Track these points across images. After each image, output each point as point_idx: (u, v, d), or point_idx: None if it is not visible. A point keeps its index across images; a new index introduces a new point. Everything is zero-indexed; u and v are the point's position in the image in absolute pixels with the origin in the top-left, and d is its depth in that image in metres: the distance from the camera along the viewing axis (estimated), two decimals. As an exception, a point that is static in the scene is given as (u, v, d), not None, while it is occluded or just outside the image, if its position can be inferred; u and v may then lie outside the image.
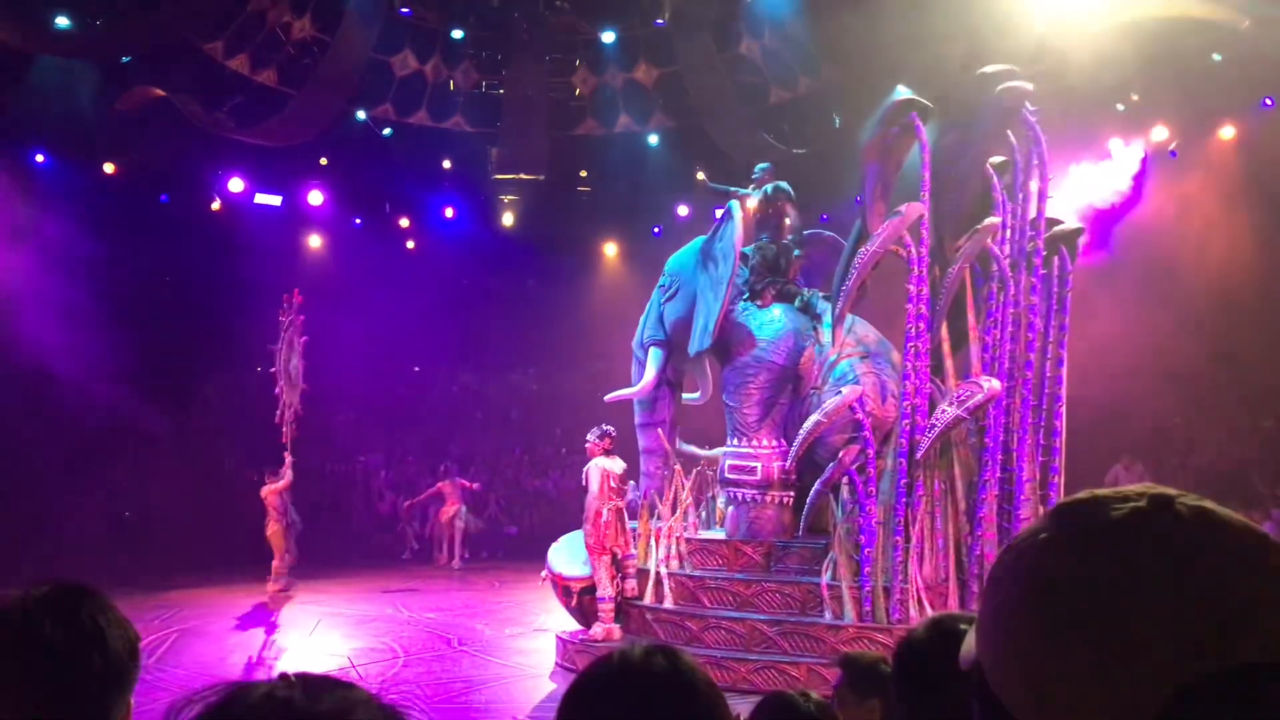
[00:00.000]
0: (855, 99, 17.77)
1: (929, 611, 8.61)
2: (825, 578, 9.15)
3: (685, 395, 11.36)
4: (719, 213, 11.01)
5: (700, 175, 15.31)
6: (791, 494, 10.24)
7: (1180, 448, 17.17)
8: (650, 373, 10.84)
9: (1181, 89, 15.23)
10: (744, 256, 10.75)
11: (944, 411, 9.04)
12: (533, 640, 11.30)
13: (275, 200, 19.88)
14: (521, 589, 14.03)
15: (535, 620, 12.22)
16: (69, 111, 15.76)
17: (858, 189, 11.08)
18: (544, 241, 21.62)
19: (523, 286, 22.36)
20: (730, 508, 10.39)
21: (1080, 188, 17.25)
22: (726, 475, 10.42)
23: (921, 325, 9.27)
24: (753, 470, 10.23)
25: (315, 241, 21.05)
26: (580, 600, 10.26)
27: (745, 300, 10.74)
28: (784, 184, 11.57)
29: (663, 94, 19.02)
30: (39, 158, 16.66)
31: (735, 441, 10.43)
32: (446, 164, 20.50)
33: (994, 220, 9.46)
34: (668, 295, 10.95)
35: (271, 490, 14.02)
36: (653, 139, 19.71)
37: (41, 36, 14.60)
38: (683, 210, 21.28)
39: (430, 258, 21.55)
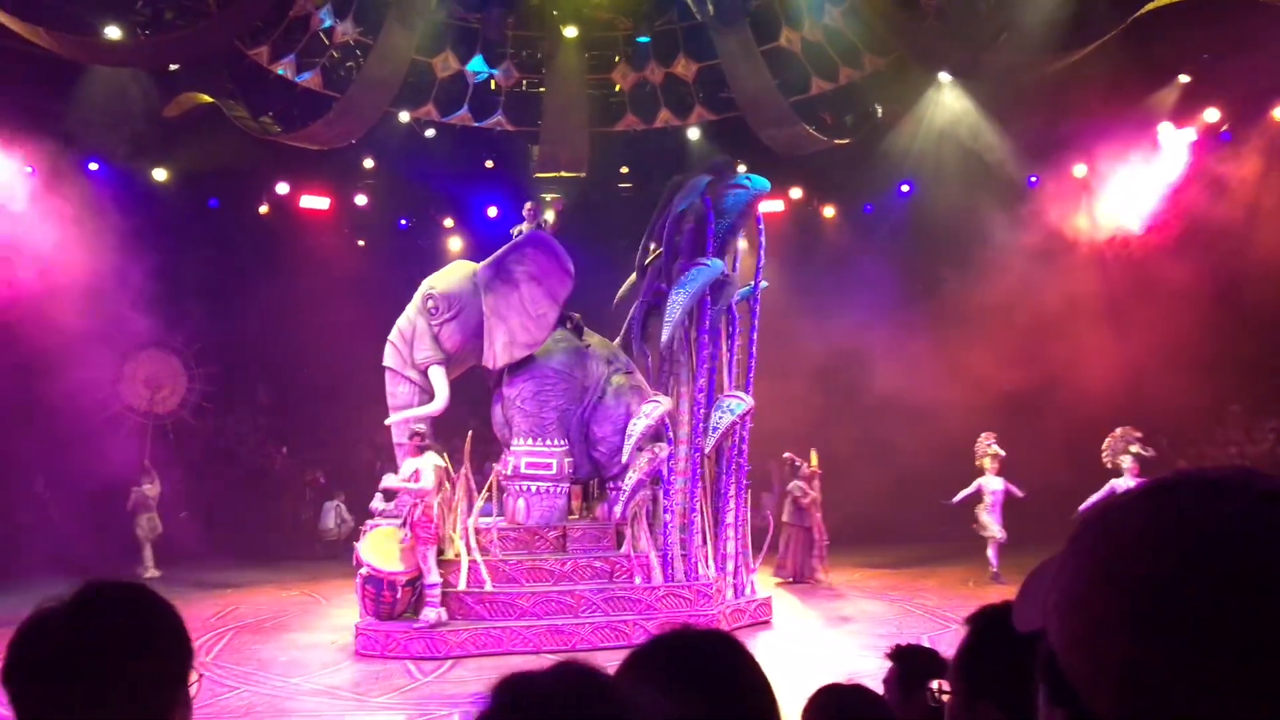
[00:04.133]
0: (897, 88, 17.66)
1: (714, 571, 11.82)
2: (628, 549, 11.42)
3: (422, 408, 11.94)
4: (515, 230, 12.93)
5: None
6: (569, 485, 12.18)
7: (1238, 437, 16.88)
8: (445, 389, 11.88)
9: (1235, 69, 14.92)
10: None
11: (721, 417, 12.05)
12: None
13: (322, 203, 20.11)
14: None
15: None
16: (121, 120, 16.06)
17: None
18: (586, 238, 21.63)
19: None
20: (521, 500, 11.90)
21: (1130, 177, 17.01)
22: (523, 470, 11.93)
23: (709, 357, 12.09)
24: (549, 466, 11.98)
25: (361, 242, 21.26)
26: (402, 592, 10.79)
27: None
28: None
29: (703, 88, 18.96)
30: (93, 165, 16.99)
31: (531, 442, 12.02)
32: (489, 163, 20.60)
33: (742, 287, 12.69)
34: (445, 317, 12.02)
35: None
36: (693, 133, 19.65)
37: (93, 47, 14.87)
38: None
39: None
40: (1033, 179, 18.42)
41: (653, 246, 12.77)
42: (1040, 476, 14.48)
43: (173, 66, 16.21)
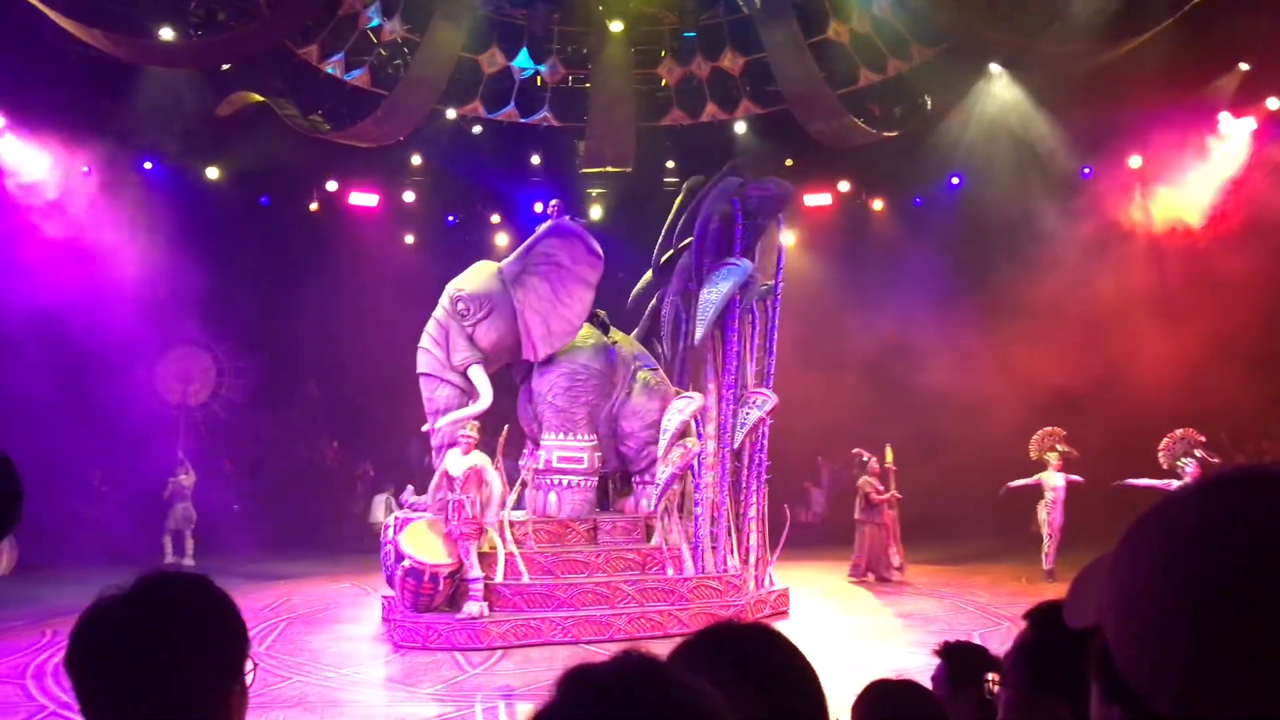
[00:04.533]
0: (946, 79, 17.45)
1: (738, 565, 12.05)
2: (659, 541, 11.65)
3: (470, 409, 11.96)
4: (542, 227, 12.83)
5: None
6: (597, 479, 12.42)
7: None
8: (488, 387, 11.96)
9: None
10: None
11: (749, 414, 12.31)
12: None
13: (371, 200, 20.33)
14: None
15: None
16: (174, 120, 16.35)
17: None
18: (633, 233, 21.66)
19: (612, 279, 22.42)
20: (552, 493, 12.12)
21: (1188, 168, 16.68)
22: (554, 464, 12.13)
23: (735, 354, 12.30)
24: (580, 460, 12.20)
25: (409, 239, 21.45)
26: (443, 585, 10.83)
27: None
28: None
29: (749, 81, 18.87)
30: (147, 165, 17.30)
31: (562, 436, 12.20)
32: (535, 159, 20.68)
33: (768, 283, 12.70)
34: (478, 318, 12.04)
35: None
36: (740, 127, 19.57)
37: (148, 49, 15.13)
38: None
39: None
40: (1086, 170, 18.12)
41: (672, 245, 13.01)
42: (1093, 473, 14.23)
43: (225, 66, 16.45)
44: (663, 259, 13.14)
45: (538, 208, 21.44)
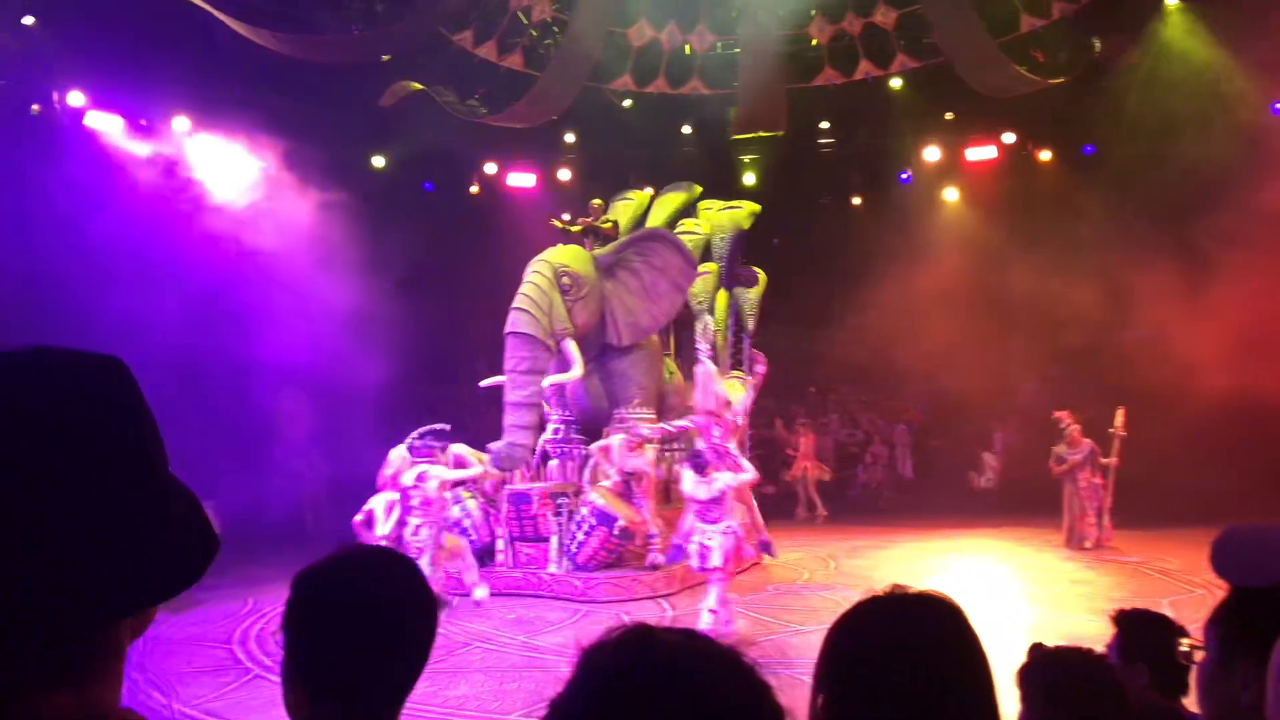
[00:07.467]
0: (1117, 19, 16.41)
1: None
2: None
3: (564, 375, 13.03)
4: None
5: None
6: None
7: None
8: (580, 359, 12.85)
9: None
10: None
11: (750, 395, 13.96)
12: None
13: (528, 180, 20.73)
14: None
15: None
16: (341, 111, 17.06)
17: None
18: (787, 198, 21.37)
19: (768, 246, 22.21)
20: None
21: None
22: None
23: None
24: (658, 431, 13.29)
25: (566, 216, 21.73)
26: (635, 540, 11.91)
27: None
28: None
29: (904, 35, 18.24)
30: (317, 156, 18.08)
31: (645, 410, 13.34)
32: (686, 129, 20.63)
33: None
34: (578, 296, 12.99)
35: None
36: (895, 83, 18.97)
37: (312, 45, 15.81)
38: (931, 153, 20.43)
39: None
40: (1277, 107, 16.75)
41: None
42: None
43: (385, 58, 17.02)
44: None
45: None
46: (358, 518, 10.92)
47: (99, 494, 0.93)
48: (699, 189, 16.05)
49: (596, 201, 15.16)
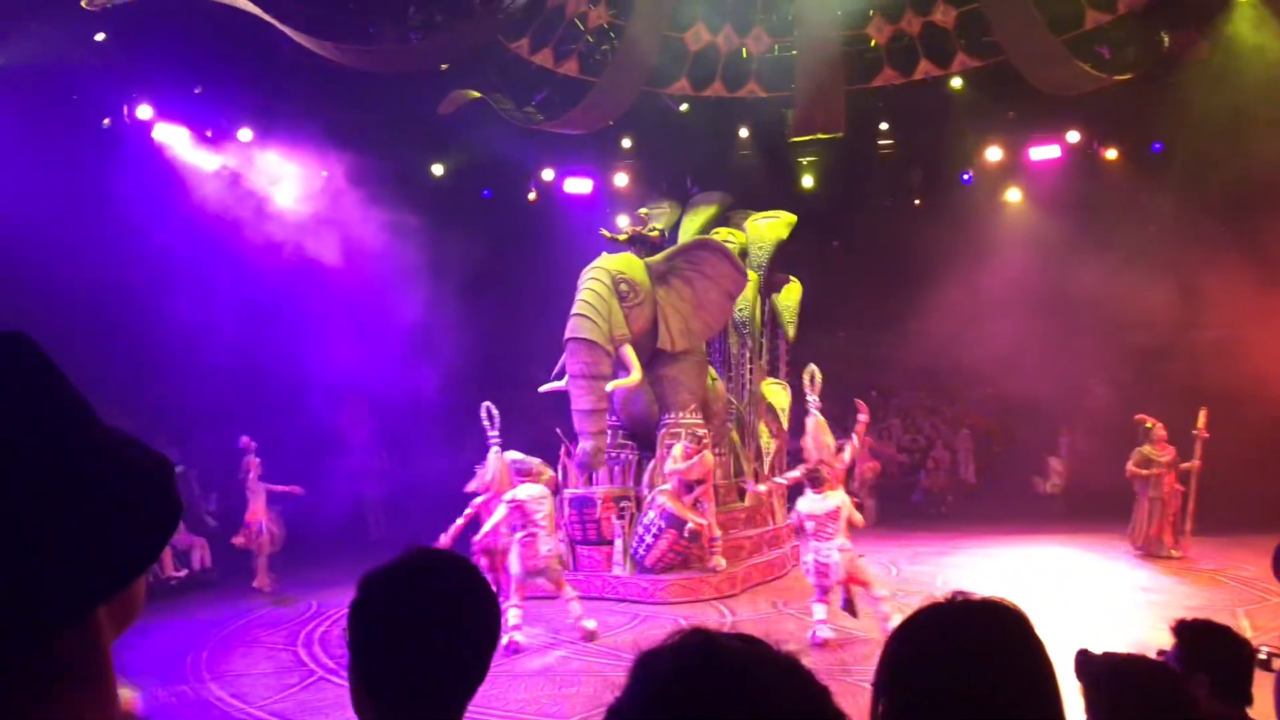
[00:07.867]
0: (1186, 12, 16.02)
1: None
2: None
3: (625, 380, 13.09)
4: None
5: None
6: None
7: None
8: (638, 363, 12.97)
9: None
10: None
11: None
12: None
13: (585, 186, 20.83)
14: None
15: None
16: (400, 120, 17.29)
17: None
18: (846, 200, 21.20)
19: (827, 248, 22.06)
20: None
21: None
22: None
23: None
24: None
25: (623, 222, 21.82)
26: (698, 540, 12.06)
27: None
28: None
29: (964, 34, 17.98)
30: (377, 165, 18.33)
31: (698, 416, 13.49)
32: (744, 132, 20.57)
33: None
34: (635, 302, 13.12)
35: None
36: (955, 82, 18.72)
37: (372, 55, 16.02)
38: (993, 153, 20.13)
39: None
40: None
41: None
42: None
43: (443, 66, 17.21)
44: None
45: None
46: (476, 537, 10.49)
47: (24, 476, 0.83)
48: (730, 199, 16.23)
49: (644, 210, 15.36)
